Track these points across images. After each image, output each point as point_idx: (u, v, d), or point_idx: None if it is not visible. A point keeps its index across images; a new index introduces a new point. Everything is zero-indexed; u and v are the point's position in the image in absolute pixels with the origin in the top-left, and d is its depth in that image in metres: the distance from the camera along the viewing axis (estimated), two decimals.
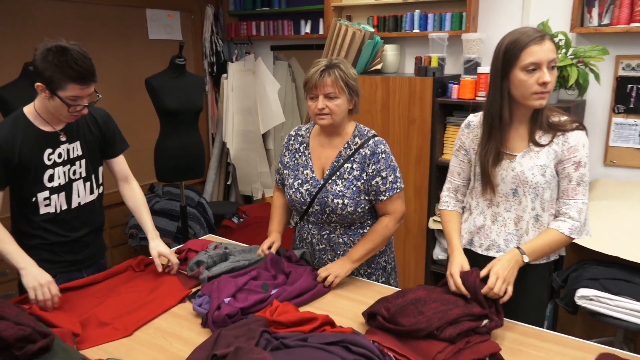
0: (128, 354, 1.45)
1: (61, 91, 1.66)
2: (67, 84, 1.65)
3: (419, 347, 1.37)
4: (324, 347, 1.26)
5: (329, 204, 1.84)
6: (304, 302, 1.71)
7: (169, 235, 3.64)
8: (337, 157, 1.87)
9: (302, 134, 1.98)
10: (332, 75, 1.77)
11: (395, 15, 3.44)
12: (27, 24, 3.25)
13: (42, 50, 1.63)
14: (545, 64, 1.49)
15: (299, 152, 1.96)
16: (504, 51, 1.53)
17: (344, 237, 1.91)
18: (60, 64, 1.62)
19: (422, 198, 3.15)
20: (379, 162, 1.82)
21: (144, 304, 1.67)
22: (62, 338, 1.41)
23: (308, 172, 1.90)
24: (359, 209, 1.85)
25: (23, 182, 1.77)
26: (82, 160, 1.89)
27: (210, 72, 4.44)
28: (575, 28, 2.82)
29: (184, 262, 2.00)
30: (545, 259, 1.69)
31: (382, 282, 1.99)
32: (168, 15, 4.07)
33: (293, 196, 1.91)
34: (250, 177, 4.40)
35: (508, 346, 1.45)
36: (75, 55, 1.64)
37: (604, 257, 2.44)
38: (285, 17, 4.14)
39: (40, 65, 1.63)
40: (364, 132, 1.90)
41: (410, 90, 3.06)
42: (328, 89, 1.77)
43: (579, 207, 1.60)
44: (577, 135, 1.57)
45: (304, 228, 1.97)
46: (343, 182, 1.84)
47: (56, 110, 1.73)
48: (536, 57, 1.48)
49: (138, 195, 2.06)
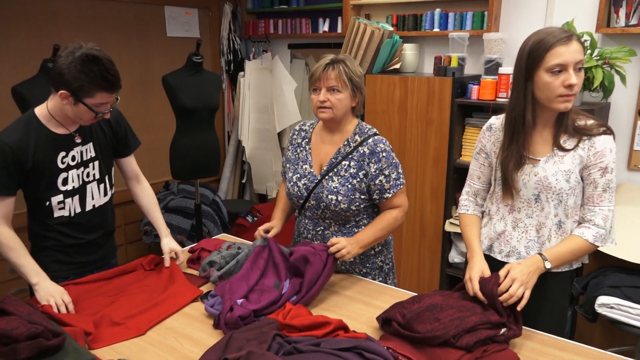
0: (139, 354, 1.43)
1: (88, 99, 1.64)
2: (96, 93, 1.63)
3: (434, 355, 1.33)
4: (337, 353, 1.23)
5: (323, 200, 1.85)
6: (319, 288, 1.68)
7: (183, 233, 3.64)
8: (336, 153, 1.88)
9: (306, 129, 2.00)
10: (336, 69, 1.78)
11: (415, 14, 3.39)
12: (47, 22, 3.28)
13: (70, 59, 1.59)
14: (571, 65, 1.43)
15: (300, 147, 1.97)
16: (528, 52, 1.48)
17: (337, 234, 1.90)
18: (93, 74, 1.59)
19: (438, 200, 3.10)
20: (380, 161, 1.82)
21: (156, 303, 1.66)
22: (74, 337, 1.40)
23: (307, 166, 1.92)
24: (352, 207, 1.84)
25: (37, 186, 1.75)
26: (96, 162, 1.87)
27: (227, 70, 4.43)
28: (601, 28, 2.74)
29: (196, 261, 1.99)
30: (567, 266, 1.64)
31: (380, 282, 1.96)
32: (186, 13, 4.07)
33: (291, 190, 1.94)
34: (265, 176, 4.39)
35: (527, 355, 1.40)
36: (106, 65, 1.62)
37: (626, 264, 2.38)
38: (303, 15, 4.12)
39: (68, 73, 1.59)
40: (365, 130, 1.89)
41: (429, 90, 3.01)
42: (331, 82, 1.78)
43: (604, 214, 1.54)
44: (604, 140, 1.51)
45: (301, 222, 1.99)
46: (339, 178, 1.84)
47: (76, 115, 1.70)
48: (562, 58, 1.43)
49: (149, 194, 2.06)
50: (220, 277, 1.79)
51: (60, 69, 1.60)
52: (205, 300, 1.68)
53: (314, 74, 1.80)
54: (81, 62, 1.58)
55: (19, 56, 3.16)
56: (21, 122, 1.72)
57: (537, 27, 2.38)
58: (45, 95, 2.65)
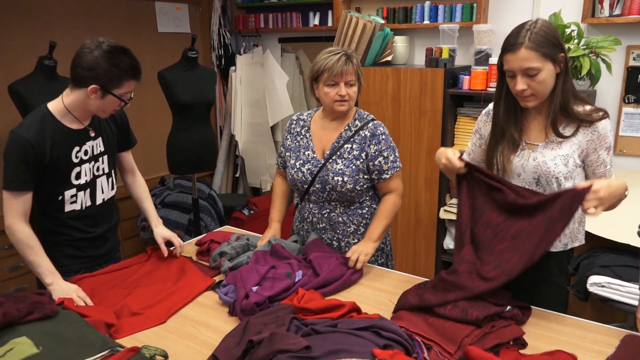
0: (159, 342, 1.48)
1: (117, 89, 1.71)
2: (125, 82, 1.71)
3: (446, 331, 1.40)
4: (355, 333, 1.29)
5: (329, 182, 1.92)
6: (333, 291, 1.73)
7: (181, 227, 3.67)
8: (338, 138, 1.96)
9: (304, 119, 2.08)
10: (351, 63, 1.87)
11: (405, 7, 3.45)
12: (41, 18, 3.27)
13: (97, 54, 1.64)
14: (518, 72, 1.51)
15: (300, 135, 2.04)
16: (501, 47, 1.56)
17: (343, 216, 1.99)
18: (124, 65, 1.68)
19: (432, 189, 3.18)
20: (379, 143, 1.93)
21: (172, 292, 1.71)
22: (95, 327, 1.45)
23: (309, 152, 1.99)
24: (357, 187, 1.93)
25: (51, 181, 1.78)
26: (105, 156, 1.91)
27: (218, 65, 4.45)
28: (587, 19, 2.83)
29: (206, 253, 2.04)
30: (562, 246, 1.72)
31: (382, 263, 2.07)
32: (176, 8, 4.08)
33: (295, 175, 1.99)
34: (259, 169, 4.43)
35: (531, 330, 1.48)
36: (132, 54, 1.71)
37: (615, 244, 2.48)
38: (293, 9, 4.15)
39: (99, 67, 1.64)
40: (364, 115, 2.00)
41: (421, 81, 3.08)
42: (350, 77, 1.87)
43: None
44: (605, 124, 1.59)
45: (304, 208, 2.04)
46: (343, 161, 1.93)
47: (100, 108, 1.75)
48: (509, 65, 1.52)
49: (142, 185, 2.12)
50: (231, 267, 1.84)
51: (89, 64, 1.64)
52: (218, 289, 1.73)
53: (332, 69, 1.84)
54: (109, 55, 1.65)
55: (12, 53, 3.14)
56: (36, 118, 1.73)
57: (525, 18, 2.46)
58: (41, 92, 2.68)
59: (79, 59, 1.67)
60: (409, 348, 1.29)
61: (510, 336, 1.39)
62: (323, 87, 1.89)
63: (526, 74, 1.50)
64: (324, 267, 1.76)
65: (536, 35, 1.48)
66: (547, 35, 1.49)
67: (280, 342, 1.22)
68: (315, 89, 1.95)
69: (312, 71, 1.92)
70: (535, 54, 1.48)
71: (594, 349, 1.39)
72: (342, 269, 1.79)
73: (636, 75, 2.83)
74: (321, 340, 1.26)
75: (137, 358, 1.29)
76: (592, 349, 1.40)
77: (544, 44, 1.48)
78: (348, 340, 1.26)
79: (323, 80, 1.88)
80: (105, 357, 1.32)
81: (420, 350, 1.31)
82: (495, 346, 1.35)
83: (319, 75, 1.89)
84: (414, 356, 1.29)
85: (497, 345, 1.36)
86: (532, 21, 1.53)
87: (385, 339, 1.29)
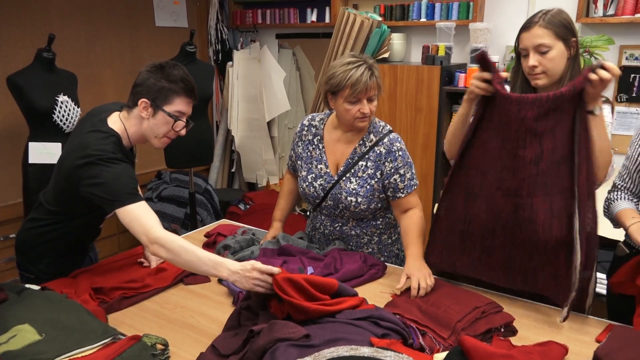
0: (159, 331, 1.49)
1: (167, 105, 1.65)
2: (176, 98, 1.65)
3: (439, 317, 1.43)
4: (353, 323, 1.32)
5: (342, 201, 1.85)
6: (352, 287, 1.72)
7: (177, 221, 3.69)
8: (352, 154, 1.86)
9: (316, 125, 1.96)
10: (374, 77, 1.73)
11: (403, 5, 3.48)
12: (39, 11, 3.27)
13: (151, 69, 1.64)
14: (531, 48, 1.56)
15: (312, 144, 1.94)
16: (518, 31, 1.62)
17: (356, 229, 1.94)
18: (174, 77, 1.63)
19: (427, 185, 3.22)
20: (396, 160, 1.83)
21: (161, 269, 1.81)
22: (97, 316, 1.47)
23: (322, 166, 1.90)
24: (372, 206, 1.87)
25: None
26: None
27: (215, 60, 4.46)
28: (581, 18, 2.87)
29: (212, 245, 2.06)
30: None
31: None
32: (174, 2, 4.08)
33: (307, 190, 1.93)
34: (255, 165, 4.45)
35: (523, 322, 1.52)
36: (186, 71, 1.66)
37: (604, 240, 2.52)
38: (291, 5, 4.16)
39: (149, 80, 1.62)
40: (379, 128, 1.88)
41: (418, 78, 3.11)
42: (373, 92, 1.75)
43: None
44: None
45: (317, 218, 2.01)
46: (357, 180, 1.84)
47: (152, 130, 1.67)
48: (523, 43, 1.58)
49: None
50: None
51: (142, 79, 1.63)
52: (225, 281, 1.73)
53: (356, 87, 1.69)
54: (161, 69, 1.63)
55: (10, 45, 3.14)
56: (111, 142, 1.63)
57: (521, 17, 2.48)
58: (40, 84, 2.69)
59: (135, 81, 1.65)
60: (405, 336, 1.32)
61: (500, 321, 1.44)
62: (343, 103, 1.75)
63: (538, 51, 1.55)
64: (344, 262, 1.76)
65: (551, 17, 1.55)
66: (561, 18, 1.56)
67: (279, 331, 1.25)
68: (331, 102, 1.80)
69: (329, 83, 1.75)
70: (547, 32, 1.54)
71: (585, 340, 1.43)
72: (363, 267, 1.77)
73: (629, 75, 2.88)
74: (320, 330, 1.29)
75: (138, 346, 1.32)
76: (583, 340, 1.44)
77: (557, 25, 1.54)
78: (347, 329, 1.30)
79: (344, 96, 1.73)
80: (107, 344, 1.34)
81: (416, 337, 1.34)
82: (487, 332, 1.40)
83: (339, 90, 1.73)
84: (410, 342, 1.32)
85: (489, 331, 1.40)
86: (547, 8, 1.59)
87: (383, 328, 1.32)
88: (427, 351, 1.32)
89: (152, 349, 1.32)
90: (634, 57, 2.86)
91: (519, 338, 1.45)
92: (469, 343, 1.18)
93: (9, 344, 1.29)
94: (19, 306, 1.46)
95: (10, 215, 3.17)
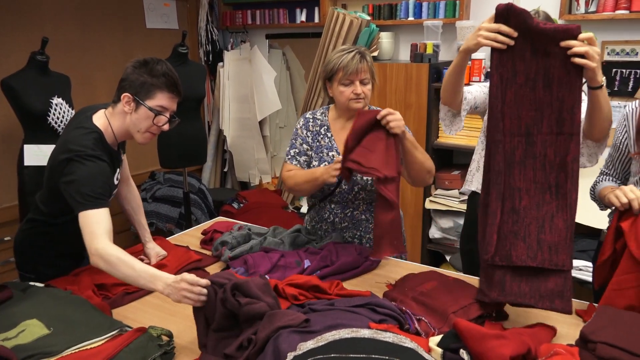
0: (163, 324, 1.52)
1: (149, 100, 1.65)
2: (158, 92, 1.65)
3: (433, 306, 1.48)
4: (352, 310, 1.38)
5: (358, 182, 1.94)
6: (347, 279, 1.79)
7: (172, 221, 3.72)
8: None
9: (320, 118, 2.03)
10: (365, 61, 1.85)
11: (390, 4, 3.55)
12: (33, 14, 3.29)
13: (133, 63, 1.65)
14: None
15: (320, 135, 2.00)
16: None
17: (366, 213, 2.01)
18: (156, 72, 1.63)
19: None
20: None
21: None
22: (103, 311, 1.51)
23: (333, 153, 1.97)
24: None
25: None
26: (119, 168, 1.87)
27: (206, 60, 4.49)
28: (563, 15, 2.96)
29: (209, 242, 2.10)
30: None
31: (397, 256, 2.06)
32: (164, 5, 4.11)
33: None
34: (248, 164, 4.50)
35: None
36: (168, 66, 1.67)
37: (590, 230, 2.61)
38: (280, 5, 4.21)
39: (132, 75, 1.64)
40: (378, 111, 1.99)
41: (407, 76, 3.17)
42: (364, 75, 1.85)
43: None
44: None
45: (324, 209, 2.04)
46: None
47: (135, 124, 1.67)
48: None
49: (137, 196, 2.06)
50: (231, 257, 1.89)
51: (126, 74, 1.65)
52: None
53: (347, 67, 1.82)
54: (145, 64, 1.64)
55: (4, 48, 3.16)
56: (92, 139, 1.64)
57: None
58: (33, 87, 2.71)
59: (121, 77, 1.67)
60: (401, 322, 1.38)
61: (493, 308, 1.49)
62: (338, 86, 1.87)
63: None
64: (340, 255, 1.82)
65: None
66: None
67: (280, 320, 1.28)
68: (329, 88, 1.93)
69: (325, 70, 1.90)
70: None
71: (572, 322, 1.50)
72: (358, 259, 1.83)
73: (610, 70, 2.96)
74: (321, 317, 1.34)
75: (144, 337, 1.36)
76: (570, 322, 1.50)
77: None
78: (346, 316, 1.35)
79: (338, 79, 1.85)
80: (115, 336, 1.38)
81: (412, 322, 1.40)
82: (479, 317, 1.45)
83: (333, 74, 1.87)
84: (406, 327, 1.38)
85: (481, 317, 1.46)
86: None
87: (380, 314, 1.38)
88: (422, 335, 1.38)
89: (158, 339, 1.37)
90: (615, 52, 2.95)
91: (510, 322, 1.51)
92: (462, 325, 1.24)
93: (19, 338, 1.33)
94: (25, 303, 1.50)
95: (5, 218, 3.19)
